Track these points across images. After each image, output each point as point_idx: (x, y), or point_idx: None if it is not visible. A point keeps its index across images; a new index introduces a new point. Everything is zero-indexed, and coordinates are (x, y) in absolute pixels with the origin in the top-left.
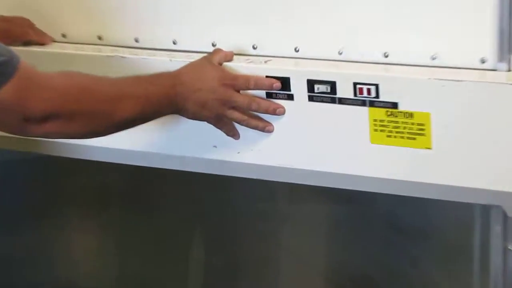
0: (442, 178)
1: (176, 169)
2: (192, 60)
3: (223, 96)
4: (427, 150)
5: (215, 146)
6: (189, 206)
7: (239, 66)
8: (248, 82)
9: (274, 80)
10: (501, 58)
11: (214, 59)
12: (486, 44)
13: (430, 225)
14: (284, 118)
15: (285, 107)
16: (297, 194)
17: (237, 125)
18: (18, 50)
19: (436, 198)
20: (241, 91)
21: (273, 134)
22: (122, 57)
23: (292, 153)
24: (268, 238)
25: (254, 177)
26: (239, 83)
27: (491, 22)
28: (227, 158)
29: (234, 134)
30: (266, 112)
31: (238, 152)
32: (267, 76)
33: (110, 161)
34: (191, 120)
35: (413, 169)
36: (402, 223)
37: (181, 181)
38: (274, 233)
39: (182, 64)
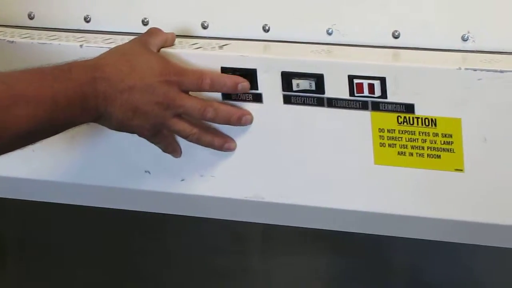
0: (479, 213)
1: (92, 206)
2: (113, 45)
3: (165, 99)
4: (458, 174)
5: (147, 172)
6: (112, 260)
7: (182, 54)
8: (201, 80)
9: (239, 78)
10: None
11: (151, 43)
12: None
13: (465, 281)
14: (249, 130)
15: (251, 113)
16: (272, 242)
17: (180, 140)
18: None
19: (472, 243)
20: (190, 92)
21: (234, 153)
22: (9, 41)
23: (261, 180)
24: None
25: (207, 216)
26: (188, 81)
27: None
28: (167, 189)
29: (174, 150)
30: (228, 122)
31: (183, 180)
32: (223, 69)
33: None
34: (114, 132)
35: (437, 202)
36: (427, 280)
37: (101, 223)
38: None
39: (99, 52)
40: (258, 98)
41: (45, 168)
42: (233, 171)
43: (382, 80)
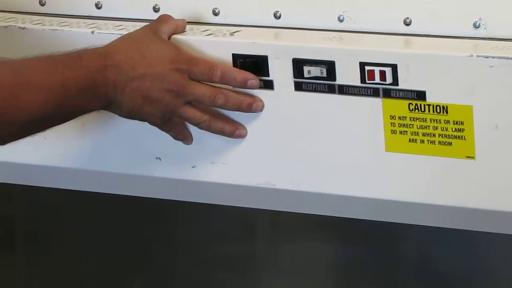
0: (490, 201)
1: (103, 192)
2: (124, 31)
3: (176, 86)
4: (469, 161)
5: (158, 158)
6: (121, 247)
7: (193, 40)
8: (212, 71)
9: (249, 74)
10: None
11: (162, 31)
12: None
13: (476, 270)
14: (260, 117)
15: (262, 100)
16: (281, 229)
17: (191, 127)
18: None
19: (483, 231)
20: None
21: (245, 139)
22: (20, 28)
23: (272, 167)
24: None
25: (218, 203)
26: (199, 70)
27: None
28: (177, 175)
29: (185, 137)
30: (238, 108)
31: (193, 167)
32: (234, 55)
33: (9, 182)
34: (125, 119)
35: (449, 189)
36: (437, 268)
37: (110, 209)
38: None
39: (110, 39)
40: (269, 85)
41: (56, 154)
42: (244, 158)
43: (394, 67)
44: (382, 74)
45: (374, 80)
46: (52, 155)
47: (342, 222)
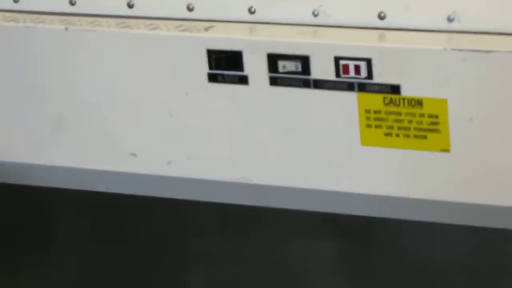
0: (465, 194)
1: (78, 189)
2: (98, 27)
3: None
4: (444, 154)
5: (134, 154)
6: (97, 245)
7: (167, 36)
8: None
9: None
10: None
11: None
12: None
13: (453, 261)
14: (235, 112)
15: (237, 95)
16: (259, 224)
17: (167, 122)
18: None
19: (458, 224)
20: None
21: (222, 135)
22: None
23: (249, 162)
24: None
25: (194, 199)
26: None
27: None
28: (153, 171)
29: None
30: None
31: (169, 162)
32: (209, 51)
33: None
34: (99, 116)
35: (424, 182)
36: (414, 261)
37: (87, 206)
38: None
39: (83, 35)
40: (244, 80)
41: (31, 151)
42: (220, 153)
43: (368, 61)
44: (357, 68)
45: (349, 74)
46: (27, 152)
47: (318, 217)
